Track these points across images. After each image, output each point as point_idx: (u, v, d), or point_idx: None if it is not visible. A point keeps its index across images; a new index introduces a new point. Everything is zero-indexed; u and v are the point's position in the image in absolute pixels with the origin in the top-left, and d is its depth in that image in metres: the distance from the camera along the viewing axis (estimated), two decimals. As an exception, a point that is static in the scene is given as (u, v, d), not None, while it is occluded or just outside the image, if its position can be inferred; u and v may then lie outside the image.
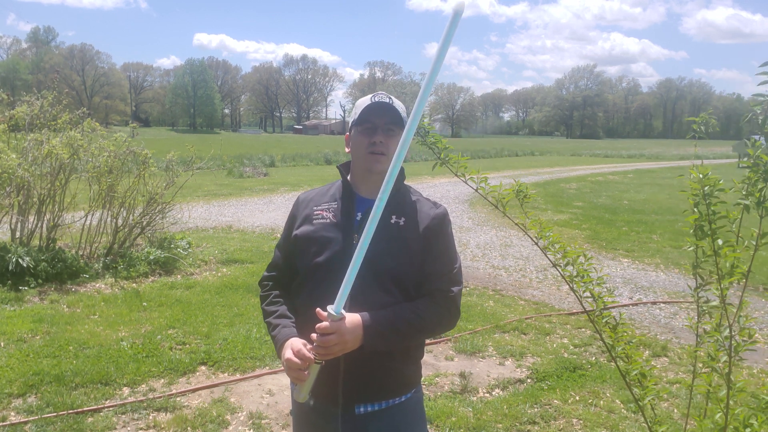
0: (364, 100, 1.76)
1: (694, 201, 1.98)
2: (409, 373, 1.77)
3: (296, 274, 1.79)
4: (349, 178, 1.83)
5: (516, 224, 2.17)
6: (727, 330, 1.91)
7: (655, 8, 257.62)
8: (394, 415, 1.75)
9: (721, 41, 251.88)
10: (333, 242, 1.71)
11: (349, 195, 1.78)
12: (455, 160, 2.04)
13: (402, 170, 1.74)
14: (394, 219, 1.71)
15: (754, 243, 1.88)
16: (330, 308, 1.55)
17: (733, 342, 1.90)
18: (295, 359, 1.59)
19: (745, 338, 1.91)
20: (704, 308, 2.10)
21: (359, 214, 1.74)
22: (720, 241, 1.92)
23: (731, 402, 1.88)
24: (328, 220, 1.75)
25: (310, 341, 1.63)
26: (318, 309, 1.56)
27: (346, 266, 1.55)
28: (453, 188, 16.75)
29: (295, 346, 1.63)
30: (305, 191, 1.95)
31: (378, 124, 1.72)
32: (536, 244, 2.12)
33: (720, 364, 1.93)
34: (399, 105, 1.77)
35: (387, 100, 1.74)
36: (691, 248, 2.00)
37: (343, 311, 1.55)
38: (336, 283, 1.58)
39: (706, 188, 1.90)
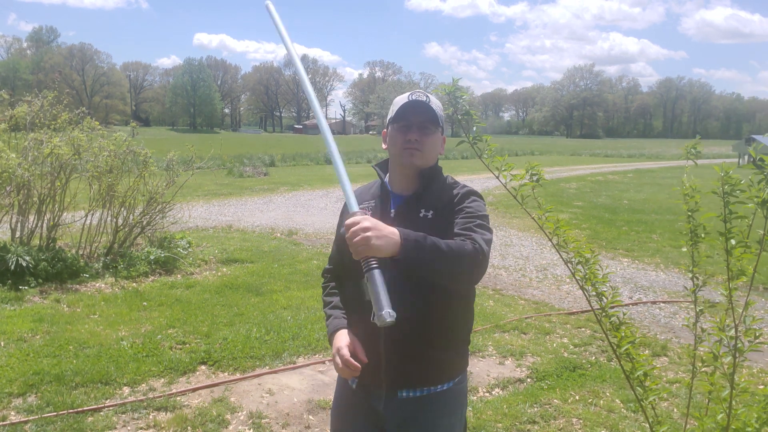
0: (402, 98, 1.80)
1: (689, 206, 1.98)
2: (449, 361, 1.79)
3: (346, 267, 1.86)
4: (387, 175, 1.88)
5: (532, 218, 2.17)
6: (733, 330, 1.91)
7: (654, 8, 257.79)
8: (435, 401, 1.78)
9: (720, 41, 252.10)
10: None
11: (384, 192, 1.84)
12: (499, 160, 2.05)
13: (439, 168, 1.84)
14: (422, 213, 1.74)
15: (759, 243, 1.88)
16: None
17: (738, 343, 1.90)
18: (344, 356, 1.70)
19: (750, 339, 1.91)
20: (702, 308, 2.10)
21: (392, 210, 1.79)
22: (733, 241, 1.92)
23: (733, 402, 1.88)
24: None
25: (358, 333, 1.76)
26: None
27: (382, 263, 1.58)
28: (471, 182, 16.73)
29: (344, 341, 1.75)
30: (356, 187, 1.94)
31: (413, 122, 1.76)
32: (550, 240, 2.12)
33: (724, 364, 1.93)
34: (436, 103, 1.80)
35: (424, 99, 1.77)
36: (685, 249, 2.01)
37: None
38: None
39: (726, 186, 1.90)
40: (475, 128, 2.02)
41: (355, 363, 1.71)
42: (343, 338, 1.78)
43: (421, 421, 1.78)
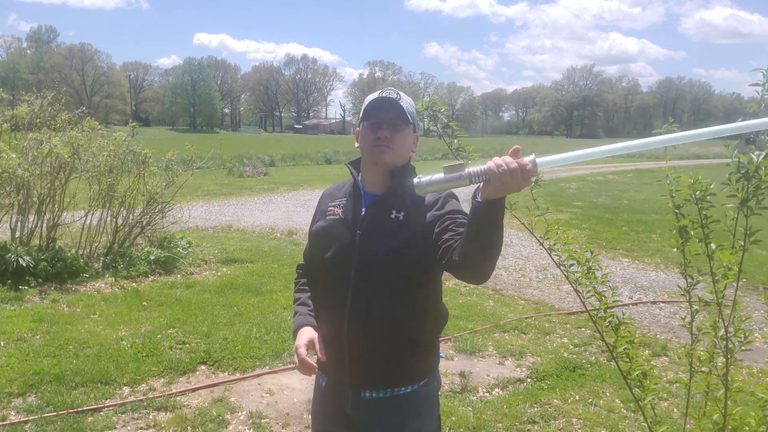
0: (372, 96, 1.78)
1: (674, 203, 1.98)
2: (414, 365, 1.77)
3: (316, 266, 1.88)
4: (360, 174, 1.86)
5: (522, 222, 2.17)
6: (723, 330, 1.91)
7: (654, 8, 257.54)
8: (400, 403, 1.77)
9: (720, 41, 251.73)
10: (339, 238, 1.76)
11: (355, 191, 1.82)
12: (467, 149, 2.05)
13: (411, 166, 1.81)
14: (394, 214, 1.72)
15: (742, 243, 1.89)
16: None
17: (729, 344, 1.91)
18: (301, 355, 1.75)
19: (741, 338, 1.92)
20: (697, 308, 2.11)
21: (363, 209, 1.77)
22: (713, 246, 1.92)
23: (729, 402, 1.88)
24: (338, 216, 1.81)
25: (325, 332, 1.79)
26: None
27: (349, 262, 1.69)
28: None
29: (304, 338, 1.78)
30: (330, 186, 1.99)
31: (384, 119, 1.74)
32: (541, 244, 2.12)
33: (718, 364, 1.93)
34: (406, 101, 1.78)
35: (394, 96, 1.75)
36: (676, 249, 2.01)
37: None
38: (343, 277, 1.71)
39: (697, 193, 1.90)
40: (456, 141, 2.02)
41: (311, 362, 1.75)
42: (303, 336, 1.80)
43: (386, 424, 1.77)
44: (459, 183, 1.33)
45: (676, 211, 1.99)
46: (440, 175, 1.33)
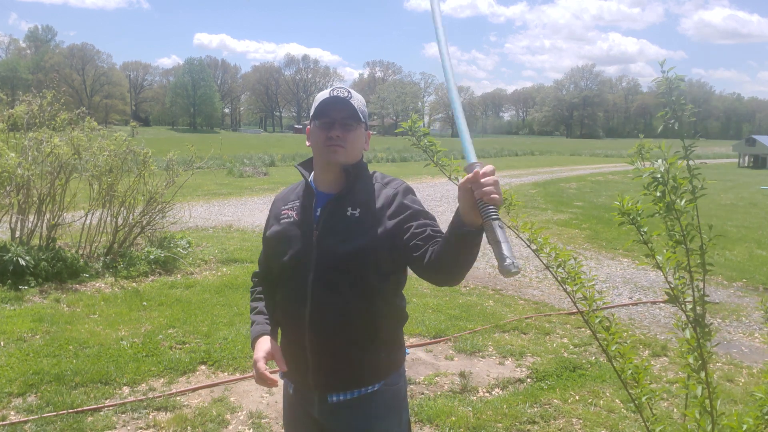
0: (323, 94, 1.75)
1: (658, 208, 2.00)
2: (377, 362, 1.75)
3: (273, 272, 1.85)
4: (311, 174, 1.84)
5: (510, 228, 2.16)
6: (689, 330, 1.93)
7: (653, 8, 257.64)
8: (367, 404, 1.75)
9: (719, 41, 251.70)
10: (295, 240, 1.74)
11: (308, 192, 1.80)
12: (447, 163, 2.04)
13: (364, 164, 1.80)
14: (350, 211, 1.71)
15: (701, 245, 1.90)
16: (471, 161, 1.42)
17: (700, 342, 1.92)
18: (260, 369, 1.75)
19: (712, 343, 1.94)
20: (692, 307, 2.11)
21: (318, 209, 1.75)
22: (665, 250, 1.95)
23: (722, 402, 1.89)
24: (292, 219, 1.79)
25: (286, 336, 1.79)
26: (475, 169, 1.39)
27: (307, 263, 1.69)
28: (453, 188, 16.72)
29: (262, 350, 1.78)
30: (282, 189, 1.98)
31: (335, 118, 1.72)
32: (529, 246, 2.12)
33: (691, 361, 1.95)
34: (357, 99, 1.75)
35: (345, 95, 1.72)
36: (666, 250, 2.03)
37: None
38: (301, 279, 1.70)
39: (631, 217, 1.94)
40: (436, 158, 2.03)
41: (270, 376, 1.74)
42: (261, 347, 1.79)
43: (354, 426, 1.75)
44: (499, 237, 1.30)
45: (663, 214, 1.99)
46: (498, 241, 1.29)
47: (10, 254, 5.86)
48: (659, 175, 1.85)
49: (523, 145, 55.28)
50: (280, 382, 1.88)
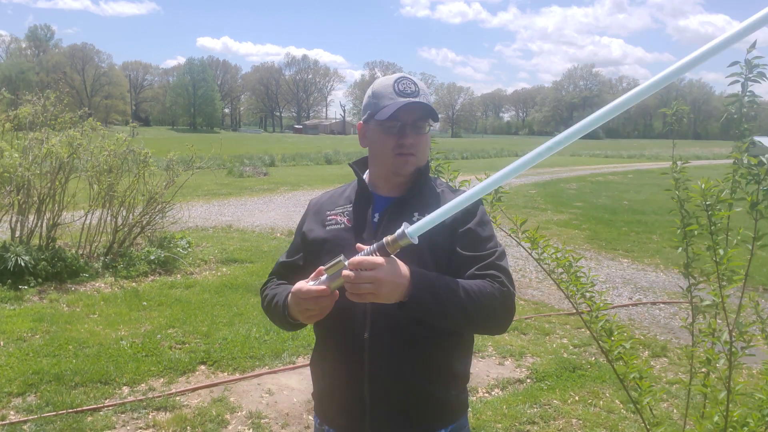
0: (387, 87, 1.47)
1: (679, 203, 1.99)
2: (450, 400, 1.50)
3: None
4: (366, 175, 1.58)
5: (505, 232, 2.16)
6: (726, 334, 1.91)
7: (645, 13, 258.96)
8: None
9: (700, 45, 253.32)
10: (347, 248, 1.37)
11: (365, 196, 1.54)
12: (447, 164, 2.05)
13: (427, 165, 1.56)
14: (416, 216, 1.44)
15: (750, 247, 1.89)
16: (405, 230, 1.21)
17: (732, 348, 1.91)
18: (304, 287, 1.31)
19: (743, 342, 1.92)
20: (699, 308, 2.11)
21: (377, 215, 1.50)
22: (722, 251, 1.92)
23: (730, 404, 1.89)
24: (343, 225, 1.53)
25: (338, 372, 1.49)
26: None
27: None
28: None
29: (300, 282, 1.36)
30: (316, 196, 1.71)
31: (407, 121, 1.44)
32: (530, 254, 2.11)
33: (719, 365, 1.93)
34: (424, 91, 1.49)
35: (413, 89, 1.46)
36: (681, 250, 2.02)
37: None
38: None
39: (707, 201, 1.90)
40: (431, 161, 2.04)
41: (319, 286, 1.29)
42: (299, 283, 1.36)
43: None
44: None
45: (683, 210, 1.98)
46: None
47: (9, 254, 5.86)
48: (757, 172, 1.81)
49: (523, 145, 55.26)
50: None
